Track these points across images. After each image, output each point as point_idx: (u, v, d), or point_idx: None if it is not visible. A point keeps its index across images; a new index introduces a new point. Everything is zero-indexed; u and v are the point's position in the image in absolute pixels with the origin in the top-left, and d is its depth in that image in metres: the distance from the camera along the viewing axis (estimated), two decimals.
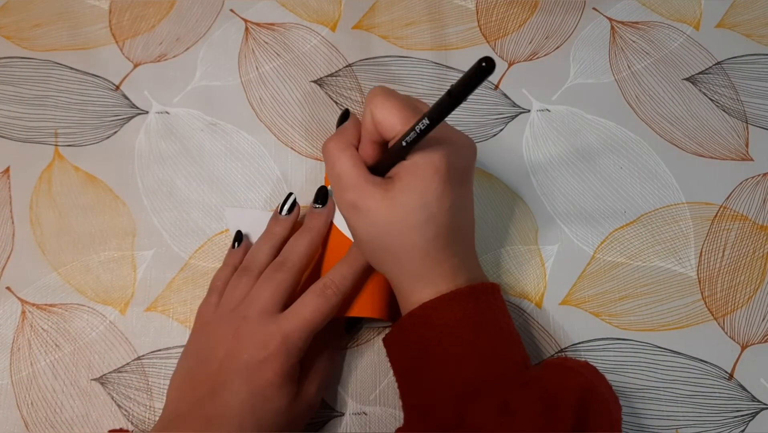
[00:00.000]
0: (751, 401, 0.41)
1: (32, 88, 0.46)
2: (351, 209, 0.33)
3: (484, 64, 0.24)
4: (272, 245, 0.38)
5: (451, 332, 0.32)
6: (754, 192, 0.46)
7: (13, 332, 0.41)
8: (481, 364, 0.32)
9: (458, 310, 0.32)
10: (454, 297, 0.32)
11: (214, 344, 0.35)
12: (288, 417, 0.34)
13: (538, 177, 0.45)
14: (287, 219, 0.39)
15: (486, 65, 0.24)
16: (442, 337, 0.32)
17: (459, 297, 0.32)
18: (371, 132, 0.33)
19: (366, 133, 0.34)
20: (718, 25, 0.50)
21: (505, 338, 0.33)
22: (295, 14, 0.49)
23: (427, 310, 0.32)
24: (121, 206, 0.44)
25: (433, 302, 0.32)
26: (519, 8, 0.50)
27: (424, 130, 0.29)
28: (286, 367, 0.33)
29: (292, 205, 0.39)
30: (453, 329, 0.32)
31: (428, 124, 0.29)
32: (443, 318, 0.32)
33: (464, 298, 0.32)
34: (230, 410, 0.32)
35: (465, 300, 0.32)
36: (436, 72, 0.47)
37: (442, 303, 0.32)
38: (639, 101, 0.47)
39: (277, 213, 0.40)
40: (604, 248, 0.44)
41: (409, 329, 0.33)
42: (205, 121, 0.46)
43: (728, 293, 0.43)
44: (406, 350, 0.34)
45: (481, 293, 0.33)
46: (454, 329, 0.32)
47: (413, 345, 0.33)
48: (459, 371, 0.31)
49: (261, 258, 0.38)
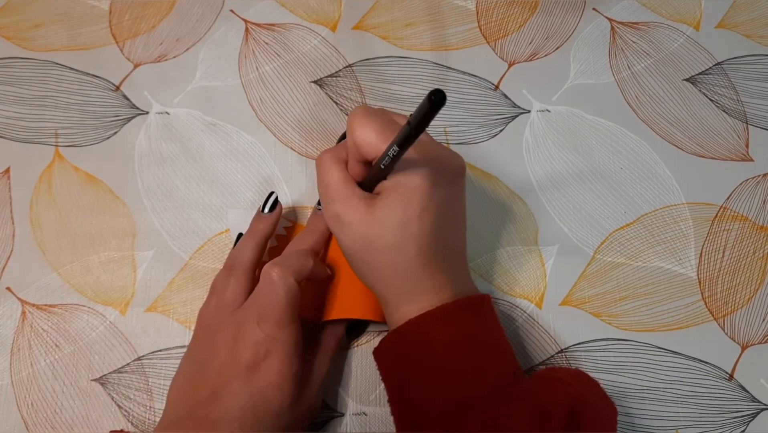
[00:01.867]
0: (751, 402, 0.41)
1: (32, 88, 0.46)
2: (335, 221, 0.33)
3: (433, 97, 0.24)
4: (255, 241, 0.38)
5: (436, 349, 0.32)
6: (754, 192, 0.46)
7: (13, 333, 0.41)
8: (469, 380, 0.32)
9: (444, 326, 0.32)
10: (440, 313, 0.32)
11: (215, 347, 0.35)
12: (289, 419, 0.34)
13: (538, 177, 0.45)
14: (269, 216, 0.39)
15: (435, 99, 0.24)
16: (428, 354, 0.32)
17: (444, 313, 0.32)
18: (353, 152, 0.33)
19: (350, 153, 0.34)
20: (718, 25, 0.50)
21: (493, 351, 0.33)
22: (295, 15, 0.49)
23: (413, 327, 0.32)
24: (121, 207, 0.44)
25: (419, 319, 0.32)
26: (519, 9, 0.50)
27: (396, 156, 0.30)
28: (285, 366, 0.33)
29: (273, 204, 0.40)
30: (439, 345, 0.32)
31: (398, 151, 0.29)
32: (429, 335, 0.32)
33: (450, 313, 0.32)
34: (231, 412, 0.32)
35: (451, 315, 0.32)
36: (436, 72, 0.47)
37: (428, 320, 0.32)
38: (639, 102, 0.47)
39: (259, 211, 0.40)
40: (604, 249, 0.44)
41: (396, 346, 0.34)
42: (205, 121, 0.46)
43: (728, 293, 0.43)
44: (393, 366, 0.34)
45: (467, 307, 0.33)
46: (440, 346, 0.32)
47: (400, 361, 0.33)
48: (446, 387, 0.32)
49: (245, 255, 0.38)
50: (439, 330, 0.32)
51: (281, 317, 0.33)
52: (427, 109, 0.25)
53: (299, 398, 0.34)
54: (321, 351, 0.38)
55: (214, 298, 0.37)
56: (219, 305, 0.36)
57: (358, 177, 0.34)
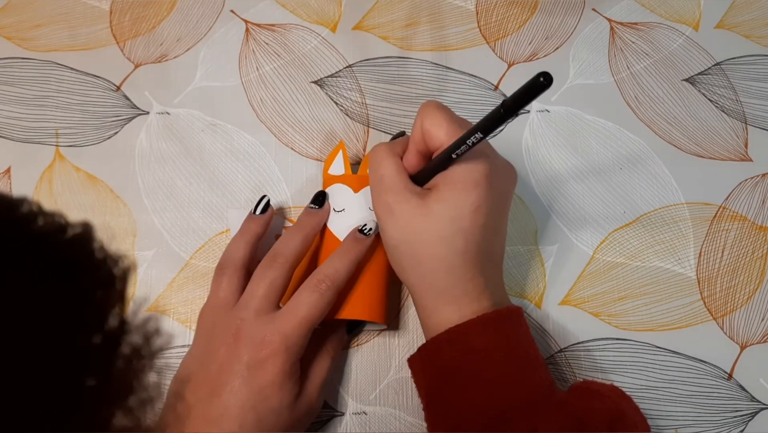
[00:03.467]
0: (750, 401, 0.41)
1: (33, 88, 0.46)
2: (386, 211, 0.34)
3: (542, 79, 0.23)
4: (247, 240, 0.38)
5: (478, 358, 0.32)
6: (753, 192, 0.46)
7: None
8: (509, 389, 0.32)
9: (485, 335, 0.33)
10: (480, 322, 0.33)
11: (214, 346, 0.35)
12: (289, 417, 0.34)
13: (538, 177, 0.45)
14: (261, 217, 0.40)
15: (543, 80, 0.23)
16: (470, 362, 0.33)
17: (485, 322, 0.33)
18: (418, 141, 0.34)
19: (413, 143, 0.35)
20: (718, 25, 0.50)
21: (530, 362, 0.33)
22: (296, 15, 0.49)
23: (454, 335, 0.33)
24: (121, 206, 0.44)
25: (460, 328, 0.33)
26: (519, 9, 0.50)
27: (474, 143, 0.30)
28: (287, 366, 0.33)
29: (266, 205, 0.40)
30: (480, 354, 0.32)
31: (480, 137, 0.29)
32: (470, 343, 0.33)
33: (490, 323, 0.33)
34: (230, 411, 0.32)
35: (491, 325, 0.33)
36: (436, 73, 0.48)
37: (469, 328, 0.33)
38: (638, 102, 0.47)
39: (251, 212, 0.40)
40: (603, 249, 0.44)
41: (436, 353, 0.34)
42: (206, 121, 0.46)
43: (727, 293, 0.43)
44: (433, 373, 0.34)
45: (506, 317, 0.34)
46: (481, 354, 0.32)
47: (441, 369, 0.34)
48: (487, 396, 0.32)
49: (236, 254, 0.38)
50: (480, 339, 0.33)
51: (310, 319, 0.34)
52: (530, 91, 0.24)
53: (299, 397, 0.35)
54: (322, 351, 0.38)
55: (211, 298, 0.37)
56: (214, 305, 0.36)
57: (412, 169, 0.35)
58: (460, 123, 0.34)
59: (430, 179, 0.34)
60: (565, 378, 0.41)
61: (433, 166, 0.34)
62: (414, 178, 0.35)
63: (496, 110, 0.27)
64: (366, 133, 0.46)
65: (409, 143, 0.36)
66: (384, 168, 0.35)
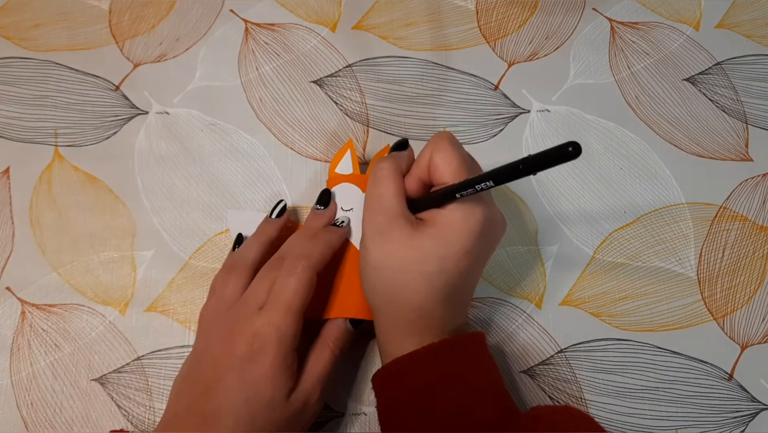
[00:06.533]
0: (750, 402, 0.41)
1: (32, 88, 0.46)
2: (376, 232, 0.34)
3: (570, 148, 0.23)
4: (261, 242, 0.39)
5: (424, 392, 0.33)
6: (754, 192, 0.46)
7: (12, 332, 0.41)
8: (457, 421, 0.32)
9: (429, 369, 0.33)
10: (427, 354, 0.33)
11: (211, 343, 0.35)
12: (284, 413, 0.33)
13: (538, 177, 0.45)
14: (277, 221, 0.40)
15: (572, 150, 0.23)
16: (416, 395, 0.33)
17: (432, 353, 0.33)
18: (422, 169, 0.34)
19: (416, 168, 0.35)
20: (718, 25, 0.50)
21: (484, 389, 0.34)
22: (295, 15, 0.49)
23: (401, 366, 0.34)
24: (121, 206, 0.44)
25: (406, 358, 0.33)
26: (519, 9, 0.50)
27: (482, 189, 0.30)
28: (278, 358, 0.33)
29: (282, 210, 0.41)
30: (426, 389, 0.33)
31: (490, 186, 0.29)
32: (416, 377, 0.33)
33: (436, 354, 0.33)
34: (225, 406, 0.32)
35: (437, 356, 0.33)
36: (436, 72, 0.47)
37: (415, 360, 0.33)
38: (639, 102, 0.47)
39: (267, 216, 0.41)
40: (603, 249, 0.44)
41: (385, 381, 0.35)
42: (205, 121, 0.46)
43: (728, 293, 0.43)
44: (381, 401, 0.35)
45: (456, 346, 0.34)
46: (427, 389, 0.33)
47: (390, 396, 0.34)
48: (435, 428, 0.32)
49: (249, 255, 0.38)
50: (427, 371, 0.33)
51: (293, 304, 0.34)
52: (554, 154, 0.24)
53: (294, 392, 0.34)
54: (319, 347, 0.38)
55: (214, 297, 0.37)
56: (218, 303, 0.36)
57: (410, 194, 0.35)
58: (469, 164, 0.34)
59: (425, 210, 0.34)
60: (565, 379, 0.41)
61: (432, 200, 0.33)
62: (409, 202, 0.35)
63: (515, 164, 0.26)
64: (366, 132, 0.46)
65: (413, 167, 0.35)
66: (385, 187, 0.34)
